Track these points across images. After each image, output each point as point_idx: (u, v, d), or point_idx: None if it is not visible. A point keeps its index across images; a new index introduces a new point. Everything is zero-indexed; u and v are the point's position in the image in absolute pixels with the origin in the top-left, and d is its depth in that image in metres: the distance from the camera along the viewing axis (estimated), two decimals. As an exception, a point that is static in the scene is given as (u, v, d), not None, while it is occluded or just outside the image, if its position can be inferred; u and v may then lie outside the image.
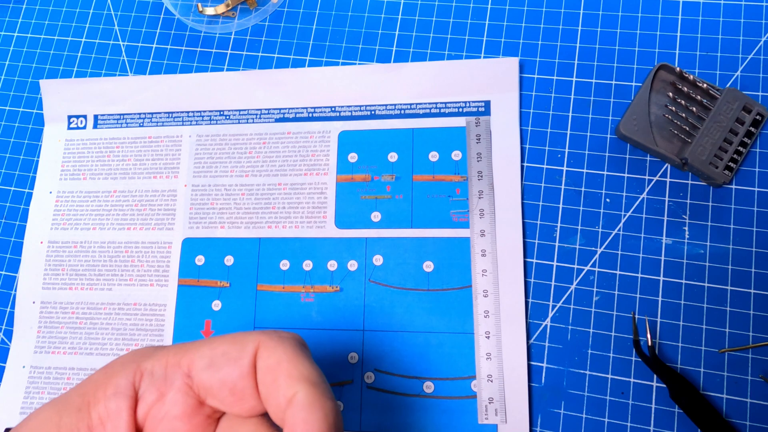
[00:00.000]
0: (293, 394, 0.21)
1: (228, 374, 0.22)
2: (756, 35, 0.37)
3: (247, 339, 0.22)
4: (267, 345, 0.22)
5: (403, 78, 0.39)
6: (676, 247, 0.35)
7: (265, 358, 0.22)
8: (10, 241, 0.41)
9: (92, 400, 0.22)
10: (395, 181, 0.37)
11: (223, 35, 0.43)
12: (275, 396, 0.21)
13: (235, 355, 0.22)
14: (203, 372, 0.22)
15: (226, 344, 0.22)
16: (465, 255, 0.36)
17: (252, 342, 0.22)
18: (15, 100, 0.44)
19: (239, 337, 0.22)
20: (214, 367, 0.22)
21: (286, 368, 0.21)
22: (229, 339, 0.22)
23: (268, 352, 0.22)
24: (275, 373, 0.21)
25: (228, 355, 0.22)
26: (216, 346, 0.22)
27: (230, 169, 0.39)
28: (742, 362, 0.32)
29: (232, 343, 0.22)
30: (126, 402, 0.21)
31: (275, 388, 0.21)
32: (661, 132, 0.35)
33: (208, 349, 0.22)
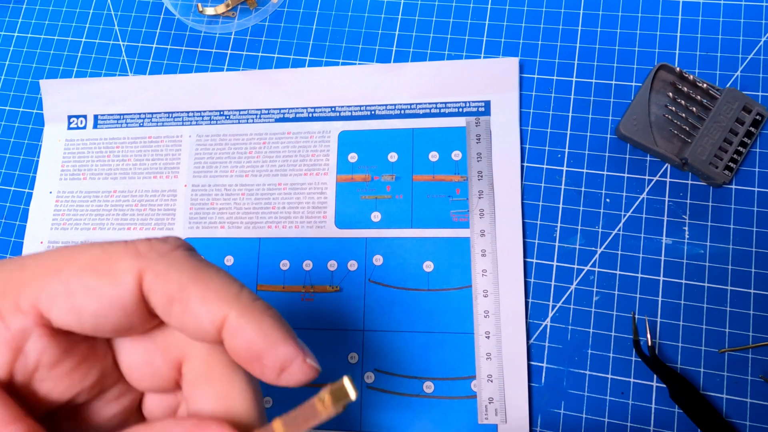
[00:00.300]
0: (221, 319, 0.18)
1: (101, 316, 0.17)
2: (756, 35, 0.37)
3: (117, 265, 0.17)
4: (155, 270, 0.18)
5: (403, 78, 0.39)
6: (676, 247, 0.35)
7: (159, 286, 0.18)
8: (10, 241, 0.41)
9: None
10: (395, 181, 0.37)
11: (223, 35, 0.43)
12: (194, 325, 0.18)
13: (107, 290, 0.17)
14: (62, 315, 0.17)
15: (86, 274, 0.17)
16: (465, 255, 0.36)
17: (127, 271, 0.17)
18: (15, 100, 0.44)
19: (102, 262, 0.18)
20: (76, 309, 0.17)
21: (195, 292, 0.18)
22: (88, 264, 0.17)
23: (161, 279, 0.17)
24: (183, 303, 0.18)
25: (94, 291, 0.17)
26: (70, 277, 0.17)
27: (230, 169, 0.39)
28: (742, 362, 0.32)
29: (94, 272, 0.17)
30: None
31: (192, 318, 0.18)
32: (661, 132, 0.35)
33: (57, 281, 0.17)
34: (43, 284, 0.17)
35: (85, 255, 0.18)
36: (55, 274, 0.17)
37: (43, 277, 0.17)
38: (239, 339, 0.18)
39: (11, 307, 0.17)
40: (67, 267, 0.17)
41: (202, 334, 0.18)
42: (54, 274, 0.17)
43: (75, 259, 0.17)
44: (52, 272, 0.17)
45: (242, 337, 0.18)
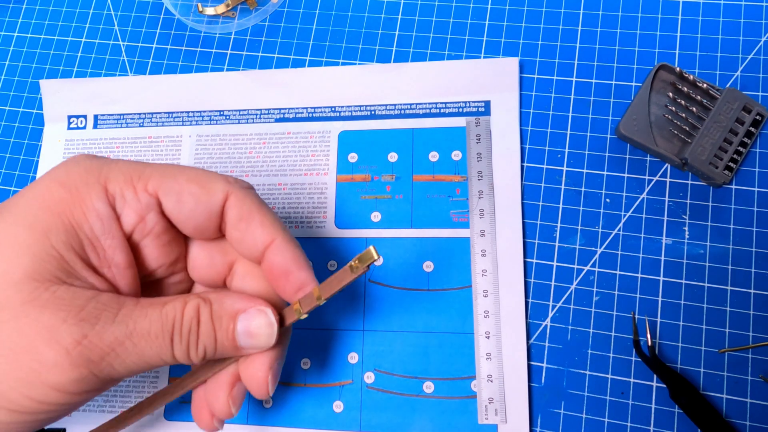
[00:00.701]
0: (271, 240, 0.25)
1: (195, 215, 0.25)
2: (756, 35, 0.37)
3: (214, 185, 0.25)
4: (237, 195, 0.25)
5: (403, 78, 0.39)
6: (676, 247, 0.35)
7: (238, 208, 0.25)
8: (10, 241, 0.41)
9: (74, 222, 0.24)
10: (395, 181, 0.37)
11: (223, 35, 0.43)
12: (251, 240, 0.26)
13: (204, 199, 0.25)
14: (171, 205, 0.25)
15: (192, 184, 0.25)
16: (465, 255, 0.36)
17: (220, 191, 0.25)
18: (15, 100, 0.44)
19: (204, 181, 0.25)
20: (182, 204, 0.25)
21: (258, 218, 0.25)
22: (195, 178, 0.25)
23: (239, 203, 0.25)
24: (248, 222, 0.25)
25: (195, 196, 0.25)
26: (182, 183, 0.25)
27: (230, 169, 0.39)
28: (742, 362, 0.32)
29: (198, 185, 0.25)
30: (115, 223, 0.24)
31: (251, 235, 0.25)
32: (661, 132, 0.35)
33: (174, 183, 0.25)
34: (164, 180, 0.25)
35: (194, 171, 0.25)
36: (172, 176, 0.25)
37: (165, 176, 0.25)
38: (278, 257, 0.26)
39: (142, 187, 0.25)
40: (180, 175, 0.25)
41: (251, 250, 0.26)
42: (172, 177, 0.25)
43: (185, 172, 0.25)
44: (170, 175, 0.25)
45: (280, 256, 0.26)
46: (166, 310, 0.24)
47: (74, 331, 0.22)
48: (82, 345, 0.22)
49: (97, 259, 0.24)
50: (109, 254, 0.24)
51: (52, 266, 0.22)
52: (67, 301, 0.22)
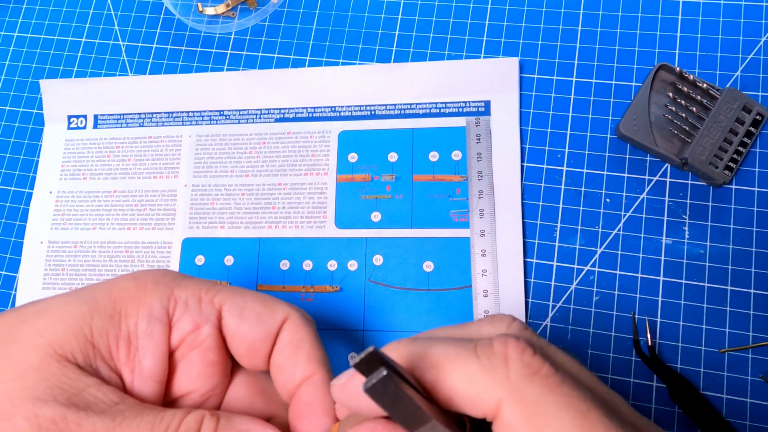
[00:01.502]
0: (311, 374, 0.24)
1: (253, 331, 0.24)
2: (756, 35, 0.37)
3: (276, 307, 0.24)
4: (294, 320, 0.24)
5: (403, 78, 0.39)
6: (676, 247, 0.35)
7: (291, 332, 0.24)
8: (10, 241, 0.41)
9: (124, 312, 0.23)
10: (395, 181, 0.37)
11: (223, 35, 0.43)
12: (291, 369, 0.24)
13: (266, 317, 0.24)
14: (232, 319, 0.24)
15: (257, 303, 0.24)
16: (465, 255, 0.36)
17: (281, 312, 0.24)
18: (15, 100, 0.44)
19: (269, 302, 0.25)
20: (243, 319, 0.24)
21: (307, 349, 0.24)
22: (260, 299, 0.25)
23: (295, 328, 0.24)
24: (296, 350, 0.24)
25: (258, 313, 0.24)
26: (248, 300, 0.24)
27: (230, 169, 0.39)
28: (742, 362, 0.32)
29: (263, 304, 0.24)
30: (162, 328, 0.23)
31: (293, 363, 0.24)
32: (661, 132, 0.35)
33: (240, 298, 0.24)
34: (231, 295, 0.24)
35: (261, 294, 0.25)
36: (239, 294, 0.24)
37: (233, 292, 0.24)
38: (310, 391, 0.24)
39: (209, 299, 0.24)
40: (247, 293, 0.24)
41: (287, 381, 0.24)
42: (239, 294, 0.24)
43: (253, 292, 0.25)
44: (238, 292, 0.24)
45: (313, 391, 0.24)
46: (164, 416, 0.22)
47: (56, 410, 0.20)
48: (57, 425, 0.20)
49: (125, 356, 0.23)
50: (139, 355, 0.23)
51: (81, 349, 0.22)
52: (68, 382, 0.21)
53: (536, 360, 0.18)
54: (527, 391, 0.18)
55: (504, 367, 0.18)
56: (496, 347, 0.19)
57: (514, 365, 0.18)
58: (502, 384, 0.18)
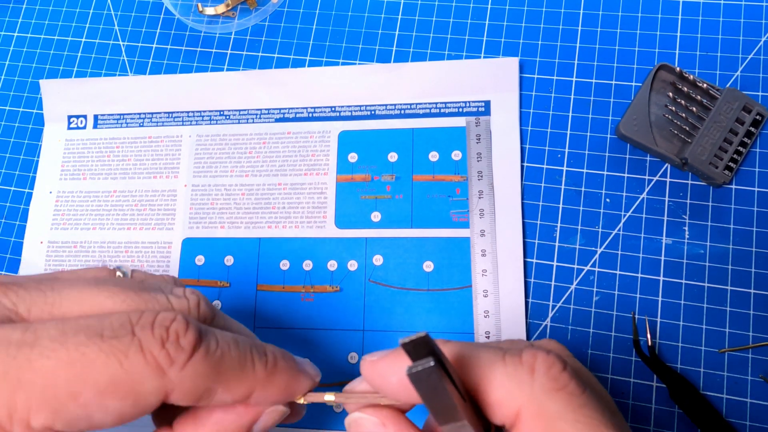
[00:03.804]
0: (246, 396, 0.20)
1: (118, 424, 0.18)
2: (756, 35, 0.37)
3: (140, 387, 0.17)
4: (182, 391, 0.18)
5: (403, 78, 0.39)
6: (676, 247, 0.35)
7: (188, 399, 0.19)
8: (10, 241, 0.41)
9: None
10: (395, 181, 0.37)
11: (223, 35, 0.43)
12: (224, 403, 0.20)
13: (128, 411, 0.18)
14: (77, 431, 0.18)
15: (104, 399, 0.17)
16: (465, 255, 0.36)
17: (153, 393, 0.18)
18: (15, 100, 0.44)
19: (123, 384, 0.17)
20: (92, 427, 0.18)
21: (222, 390, 0.19)
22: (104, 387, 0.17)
23: (188, 395, 0.19)
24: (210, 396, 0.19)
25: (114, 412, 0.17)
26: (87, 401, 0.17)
27: (230, 169, 0.39)
28: (742, 362, 0.32)
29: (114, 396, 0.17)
30: None
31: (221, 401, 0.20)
32: (661, 132, 0.35)
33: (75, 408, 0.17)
34: (58, 410, 0.16)
35: (103, 372, 0.17)
36: (70, 398, 0.16)
37: (57, 401, 0.16)
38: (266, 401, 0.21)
39: (23, 427, 0.16)
40: (83, 389, 0.16)
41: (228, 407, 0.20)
42: (68, 398, 0.16)
43: (91, 377, 0.16)
44: (66, 395, 0.16)
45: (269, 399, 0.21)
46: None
47: None
48: None
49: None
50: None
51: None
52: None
53: (563, 376, 0.18)
54: (548, 405, 0.17)
55: (529, 377, 0.18)
56: (525, 357, 0.18)
57: (540, 377, 0.18)
58: (524, 393, 0.18)
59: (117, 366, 0.17)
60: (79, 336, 0.17)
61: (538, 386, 0.18)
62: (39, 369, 0.16)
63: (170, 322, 0.18)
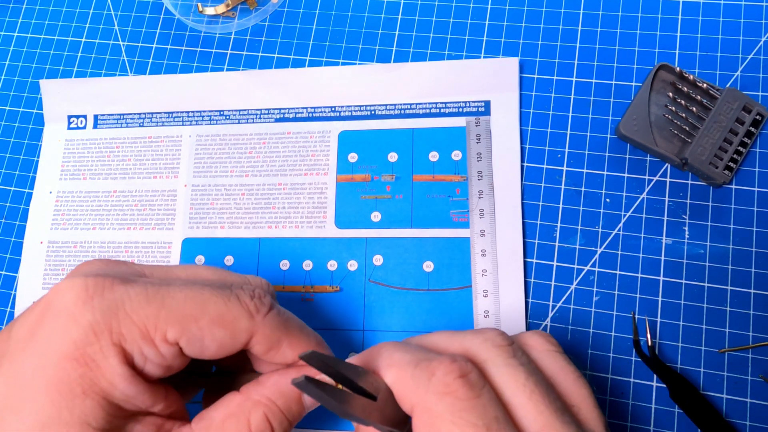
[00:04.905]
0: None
1: (217, 355, 0.24)
2: (756, 35, 0.37)
3: (237, 324, 0.24)
4: (262, 332, 0.24)
5: (403, 78, 0.39)
6: (676, 247, 0.35)
7: (264, 343, 0.25)
8: (10, 241, 0.41)
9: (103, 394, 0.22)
10: (395, 181, 0.37)
11: (223, 35, 0.43)
12: (282, 361, 0.26)
13: (228, 342, 0.24)
14: (193, 352, 0.24)
15: (216, 327, 0.23)
16: (465, 255, 0.36)
17: (245, 331, 0.24)
18: (15, 100, 0.44)
19: (227, 318, 0.24)
20: (204, 350, 0.24)
21: (286, 345, 0.25)
22: (218, 318, 0.23)
23: (265, 338, 0.25)
24: (277, 350, 0.25)
25: (219, 341, 0.24)
26: (204, 326, 0.23)
27: (230, 169, 0.39)
28: (742, 362, 0.32)
29: (222, 326, 0.24)
30: (140, 377, 0.23)
31: (282, 358, 0.25)
32: (661, 132, 0.35)
33: (195, 327, 0.23)
34: (185, 327, 0.23)
35: (214, 307, 0.23)
36: (193, 320, 0.23)
37: (185, 322, 0.23)
38: None
39: (161, 339, 0.23)
40: (201, 316, 0.23)
41: (285, 363, 0.26)
42: (192, 321, 0.23)
43: (207, 309, 0.23)
44: (191, 318, 0.23)
45: None
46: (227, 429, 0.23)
47: None
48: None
49: (137, 408, 0.23)
50: (147, 399, 0.23)
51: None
52: None
53: (455, 382, 0.21)
54: (435, 406, 0.21)
55: (427, 380, 0.21)
56: (434, 363, 0.22)
57: (435, 381, 0.21)
58: (419, 393, 0.21)
59: (223, 305, 0.24)
60: (197, 284, 0.24)
61: (432, 389, 0.21)
62: (175, 297, 0.23)
63: (254, 288, 0.25)
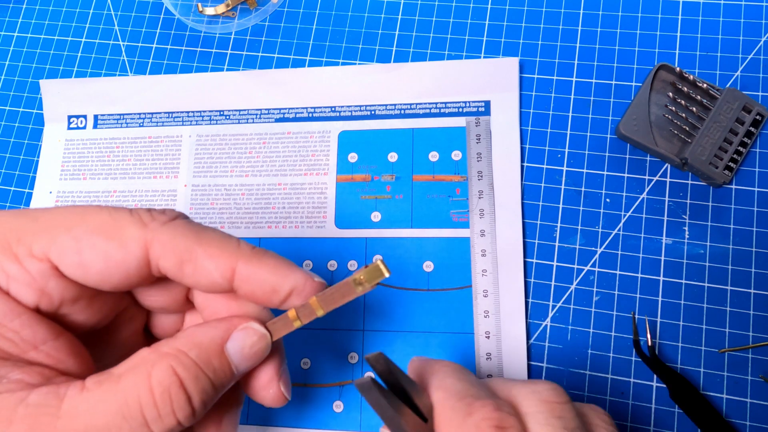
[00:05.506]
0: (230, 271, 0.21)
1: (108, 274, 0.20)
2: (756, 35, 0.37)
3: (125, 232, 0.20)
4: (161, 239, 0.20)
5: (403, 78, 0.39)
6: (676, 247, 0.35)
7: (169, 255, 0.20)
8: (10, 241, 0.41)
9: None
10: (395, 181, 0.37)
11: (223, 35, 0.43)
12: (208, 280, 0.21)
13: (115, 253, 0.20)
14: (71, 268, 0.20)
15: (95, 235, 0.20)
16: (465, 255, 0.36)
17: (134, 239, 0.20)
18: (15, 100, 0.44)
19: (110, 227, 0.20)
20: (85, 266, 0.20)
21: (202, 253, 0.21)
22: (97, 227, 0.20)
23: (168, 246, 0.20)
24: (193, 263, 0.21)
25: (102, 252, 0.20)
26: (80, 235, 0.19)
27: (230, 169, 0.39)
28: (742, 362, 0.32)
29: (103, 234, 0.20)
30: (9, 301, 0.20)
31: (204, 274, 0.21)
32: (661, 132, 0.35)
33: (67, 237, 0.19)
34: (54, 236, 0.19)
35: (94, 217, 0.20)
36: (65, 230, 0.19)
37: (55, 230, 0.19)
38: (252, 282, 0.21)
39: (25, 252, 0.19)
40: (77, 225, 0.19)
41: (214, 287, 0.21)
42: (64, 230, 0.19)
43: (85, 219, 0.20)
44: (63, 228, 0.19)
45: (255, 280, 0.21)
46: (124, 387, 0.18)
47: None
48: None
49: (14, 346, 0.19)
50: (26, 335, 0.19)
51: None
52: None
53: (490, 430, 0.20)
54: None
55: (463, 417, 0.20)
56: (477, 403, 0.21)
57: (470, 421, 0.20)
58: (450, 428, 0.20)
59: (106, 215, 0.20)
60: (83, 205, 0.21)
61: (464, 427, 0.20)
62: (49, 211, 0.20)
63: (161, 208, 0.21)
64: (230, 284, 0.21)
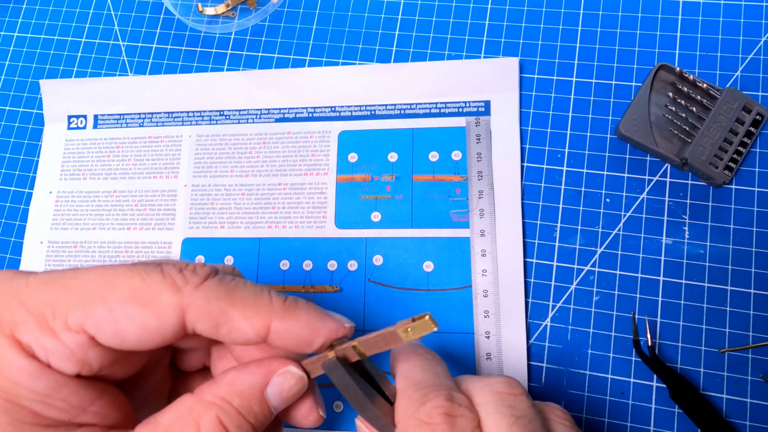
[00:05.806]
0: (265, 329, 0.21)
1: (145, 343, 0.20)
2: (756, 35, 0.37)
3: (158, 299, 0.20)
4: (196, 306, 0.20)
5: (403, 78, 0.39)
6: (676, 247, 0.35)
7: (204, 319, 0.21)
8: (10, 241, 0.41)
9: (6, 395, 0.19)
10: (395, 181, 0.37)
11: (223, 35, 0.43)
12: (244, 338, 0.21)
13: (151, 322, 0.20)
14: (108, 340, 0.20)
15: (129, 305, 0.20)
16: (465, 255, 0.36)
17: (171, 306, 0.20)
18: (15, 100, 0.44)
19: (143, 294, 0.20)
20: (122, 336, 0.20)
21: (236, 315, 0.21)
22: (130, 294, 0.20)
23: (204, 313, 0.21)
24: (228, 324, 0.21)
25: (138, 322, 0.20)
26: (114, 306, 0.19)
27: (230, 169, 0.39)
28: (742, 362, 0.32)
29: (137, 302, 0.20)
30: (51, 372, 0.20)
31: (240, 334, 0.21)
32: (661, 132, 0.35)
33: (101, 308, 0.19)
34: (89, 309, 0.19)
35: (127, 283, 0.20)
36: (100, 300, 0.19)
37: (89, 302, 0.19)
38: (288, 337, 0.21)
39: (62, 326, 0.19)
40: (110, 294, 0.19)
41: (249, 343, 0.22)
42: (99, 301, 0.19)
43: (117, 286, 0.20)
44: (97, 298, 0.19)
45: (289, 336, 0.21)
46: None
47: None
48: None
49: (65, 413, 0.20)
50: (74, 402, 0.20)
51: None
52: None
53: (440, 418, 0.21)
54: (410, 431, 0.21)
55: (417, 405, 0.21)
56: (433, 392, 0.21)
57: (422, 409, 0.21)
58: (405, 414, 0.21)
59: (139, 280, 0.20)
60: (113, 265, 0.20)
61: (416, 414, 0.21)
62: (79, 278, 0.20)
63: (189, 264, 0.21)
64: (264, 340, 0.21)
